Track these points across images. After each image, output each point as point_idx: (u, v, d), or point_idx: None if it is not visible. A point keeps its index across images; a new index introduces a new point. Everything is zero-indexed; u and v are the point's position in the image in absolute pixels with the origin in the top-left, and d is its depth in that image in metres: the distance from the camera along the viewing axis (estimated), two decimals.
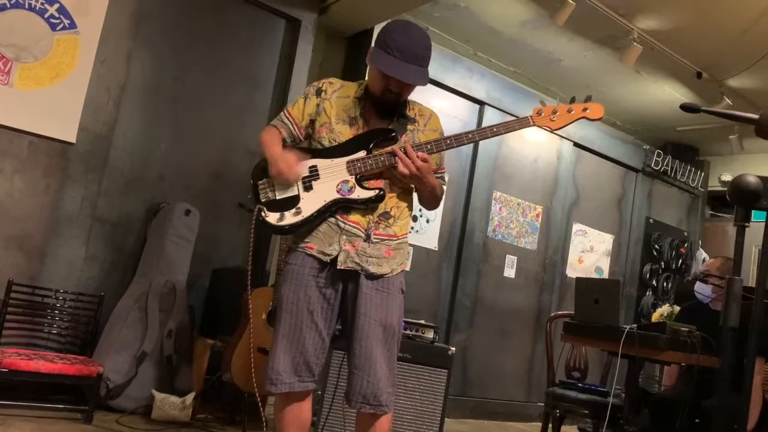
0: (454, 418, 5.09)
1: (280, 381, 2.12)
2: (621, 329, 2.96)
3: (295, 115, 2.29)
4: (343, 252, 2.14)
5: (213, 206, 4.20)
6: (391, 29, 2.14)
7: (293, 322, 2.14)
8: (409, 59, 2.09)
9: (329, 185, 2.16)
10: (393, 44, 2.09)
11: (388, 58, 2.09)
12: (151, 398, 3.47)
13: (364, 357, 2.11)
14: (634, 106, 6.12)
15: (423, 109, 2.34)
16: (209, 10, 4.26)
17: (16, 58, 3.53)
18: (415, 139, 2.24)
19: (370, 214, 2.17)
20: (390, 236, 2.21)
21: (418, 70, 2.12)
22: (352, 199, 2.15)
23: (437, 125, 2.33)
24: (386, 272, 2.18)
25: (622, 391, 3.42)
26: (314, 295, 2.15)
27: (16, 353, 3.19)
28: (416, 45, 2.11)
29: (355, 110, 2.24)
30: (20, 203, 3.56)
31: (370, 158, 2.15)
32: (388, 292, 2.18)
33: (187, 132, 4.18)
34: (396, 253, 2.23)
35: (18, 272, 3.52)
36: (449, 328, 5.30)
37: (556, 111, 2.21)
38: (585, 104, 2.21)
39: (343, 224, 2.15)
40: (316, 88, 2.30)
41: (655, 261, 6.76)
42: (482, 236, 5.52)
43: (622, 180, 6.65)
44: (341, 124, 2.23)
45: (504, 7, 4.71)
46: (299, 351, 2.13)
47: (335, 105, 2.25)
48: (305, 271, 2.16)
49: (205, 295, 4.17)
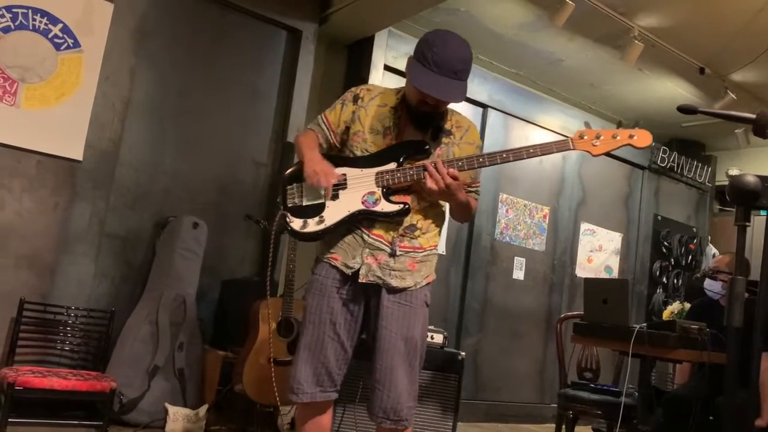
0: (467, 422, 5.08)
1: (301, 391, 2.12)
2: (631, 329, 2.96)
3: (332, 121, 2.27)
4: (365, 265, 2.12)
5: (220, 218, 4.22)
6: (430, 40, 2.08)
7: (316, 334, 2.14)
8: (446, 73, 2.03)
9: (355, 195, 2.14)
10: (430, 56, 2.04)
11: (424, 72, 2.04)
12: (164, 412, 3.49)
13: (385, 372, 2.10)
14: (637, 103, 6.11)
15: (461, 120, 2.28)
16: (210, 24, 4.29)
17: (21, 78, 3.57)
18: (449, 153, 2.20)
19: (394, 228, 2.14)
20: (415, 248, 2.18)
21: (455, 84, 2.05)
22: (375, 212, 2.12)
23: (474, 138, 2.27)
24: (409, 285, 2.15)
25: (634, 391, 3.41)
26: (337, 307, 2.15)
27: (30, 371, 3.21)
28: (454, 58, 2.04)
29: (390, 120, 2.20)
30: (30, 222, 3.60)
31: (400, 171, 2.11)
32: (410, 305, 2.15)
33: (192, 145, 4.21)
34: (421, 266, 2.20)
35: (30, 290, 3.54)
36: (459, 332, 5.30)
37: (599, 136, 2.08)
38: (632, 131, 2.08)
39: (367, 237, 2.14)
40: (354, 95, 2.27)
41: (665, 258, 6.74)
42: (489, 239, 5.52)
43: (628, 178, 6.64)
44: (374, 134, 2.19)
45: (503, 10, 4.72)
46: (321, 362, 2.13)
47: (370, 114, 2.21)
48: (329, 282, 2.16)
49: (214, 307, 4.19)
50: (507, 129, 5.69)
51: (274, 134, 4.54)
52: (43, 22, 3.63)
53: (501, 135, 5.64)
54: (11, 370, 3.16)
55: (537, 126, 5.87)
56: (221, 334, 4.11)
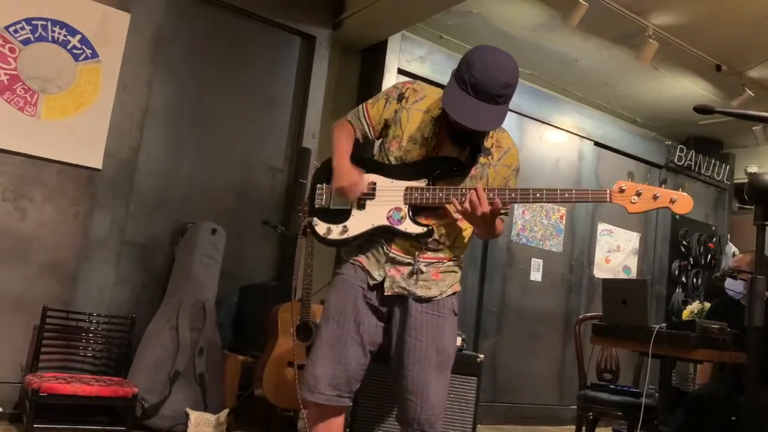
0: (487, 424, 5.07)
1: (317, 390, 2.07)
2: (650, 329, 2.94)
3: (373, 115, 2.19)
4: (388, 278, 2.09)
5: (237, 224, 4.26)
6: (470, 60, 1.96)
7: (339, 332, 2.10)
8: (484, 98, 1.92)
9: (381, 209, 2.10)
10: (468, 78, 1.93)
11: (459, 96, 1.94)
12: (185, 416, 3.52)
13: (418, 382, 2.06)
14: (653, 102, 6.06)
15: (502, 140, 2.18)
16: (226, 31, 4.33)
17: (41, 89, 3.63)
18: (483, 174, 2.12)
19: (416, 247, 2.10)
20: (440, 259, 2.14)
21: (492, 110, 1.94)
22: (399, 231, 2.07)
23: (512, 161, 2.18)
24: (435, 295, 2.11)
25: (655, 391, 3.39)
26: (362, 307, 2.11)
27: (54, 377, 3.26)
28: (495, 83, 1.92)
29: (430, 130, 2.11)
30: (51, 231, 3.65)
31: (429, 191, 2.05)
32: (439, 314, 2.11)
33: (210, 152, 4.25)
34: (445, 276, 2.15)
35: (52, 298, 3.60)
36: (477, 334, 5.29)
37: (640, 193, 1.97)
38: (674, 194, 1.98)
39: (387, 250, 2.10)
40: (399, 92, 2.18)
41: (684, 257, 6.67)
42: (506, 240, 5.51)
43: (645, 177, 6.58)
44: (411, 143, 2.12)
45: (516, 12, 4.71)
46: (341, 363, 2.08)
47: (411, 119, 2.13)
48: (356, 282, 2.12)
49: (233, 312, 4.23)
50: (522, 130, 5.68)
51: (289, 140, 4.57)
52: (62, 33, 3.69)
53: (516, 136, 5.61)
54: (36, 377, 3.21)
55: (552, 126, 5.86)
56: (240, 338, 4.14)
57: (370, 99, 2.24)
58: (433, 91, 2.18)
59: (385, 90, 2.24)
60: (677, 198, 1.98)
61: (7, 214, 3.53)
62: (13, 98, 3.55)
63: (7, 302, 3.50)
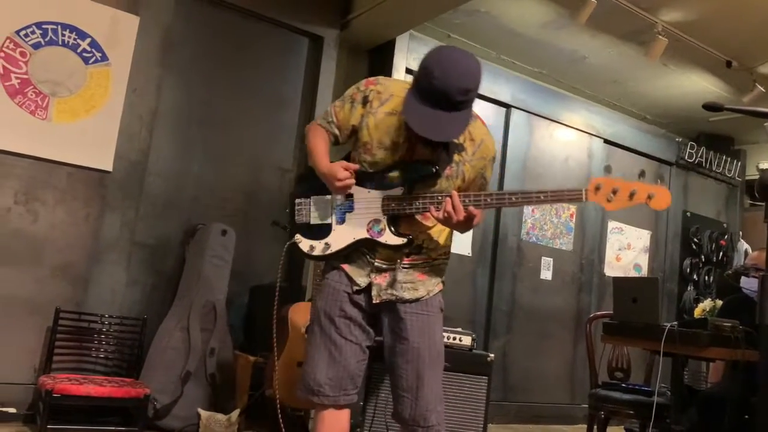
0: (498, 423, 5.06)
1: (322, 393, 2.10)
2: (661, 327, 2.93)
3: (341, 119, 2.15)
4: (375, 286, 2.10)
5: (247, 225, 4.27)
6: (428, 66, 1.86)
7: (332, 338, 2.12)
8: (444, 106, 1.85)
9: (361, 222, 2.09)
10: (426, 86, 1.85)
11: (419, 107, 1.87)
12: (197, 417, 3.53)
13: (413, 380, 2.09)
14: (663, 99, 6.03)
15: (474, 132, 2.09)
16: (234, 33, 4.35)
17: (52, 93, 3.66)
18: (458, 172, 2.08)
19: (399, 256, 2.10)
20: (424, 260, 2.15)
21: (454, 118, 1.88)
22: (380, 243, 2.08)
23: (487, 152, 2.12)
24: (423, 295, 2.13)
25: (667, 390, 3.37)
26: (349, 309, 2.13)
27: (67, 378, 3.29)
28: (453, 89, 1.83)
29: (399, 134, 2.06)
30: (63, 233, 3.68)
31: (406, 200, 2.04)
32: (428, 313, 2.13)
33: (219, 154, 4.27)
34: (431, 275, 2.16)
35: (64, 300, 3.63)
36: (487, 334, 5.28)
37: (616, 190, 1.93)
38: (651, 189, 1.93)
39: (372, 260, 2.12)
40: (363, 96, 2.11)
41: (695, 255, 6.63)
42: (516, 239, 5.50)
43: (655, 174, 6.56)
44: (383, 150, 2.08)
45: (524, 10, 4.70)
46: (342, 365, 2.10)
47: (379, 124, 2.08)
48: (341, 288, 2.14)
49: (243, 312, 4.24)
50: (531, 128, 5.66)
51: (298, 141, 4.58)
52: (72, 37, 3.72)
53: (525, 134, 5.62)
54: (49, 378, 3.24)
55: (561, 124, 5.84)
56: (251, 339, 4.16)
57: (338, 100, 2.19)
58: (399, 88, 2.08)
59: (349, 91, 2.16)
60: (655, 193, 1.92)
61: (20, 216, 3.56)
62: (25, 102, 3.57)
63: (20, 304, 3.53)
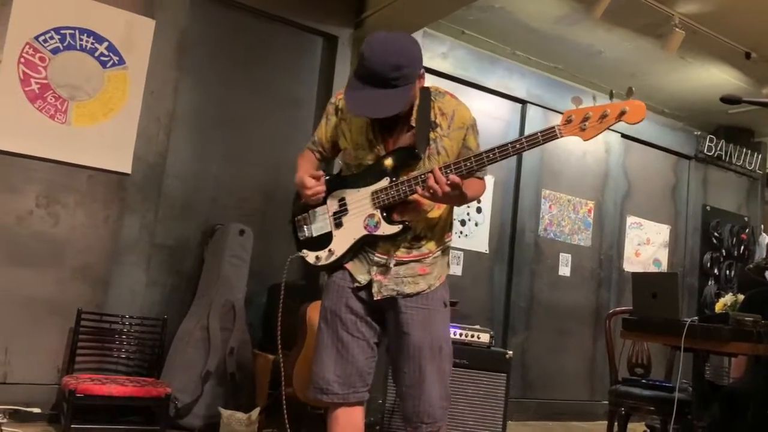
0: (517, 420, 5.05)
1: (331, 391, 2.11)
2: (682, 323, 2.90)
3: (320, 137, 2.27)
4: (375, 283, 2.12)
5: (264, 224, 4.30)
6: (362, 50, 1.95)
7: (339, 335, 2.13)
8: (378, 83, 1.92)
9: (357, 221, 2.12)
10: (361, 67, 1.94)
11: (357, 89, 1.95)
12: (217, 415, 3.56)
13: (415, 377, 2.09)
14: (681, 92, 5.97)
15: (444, 106, 2.12)
16: (249, 34, 4.38)
17: (71, 97, 3.71)
18: (438, 148, 2.10)
19: (398, 244, 2.12)
20: (423, 255, 2.15)
21: (390, 94, 1.93)
22: (378, 236, 2.10)
23: (463, 120, 2.13)
24: (423, 289, 2.13)
25: (688, 385, 3.34)
26: (355, 305, 2.15)
27: (90, 378, 3.33)
28: (385, 66, 1.90)
29: (370, 131, 2.12)
30: (83, 235, 3.73)
31: (394, 187, 2.06)
32: (428, 308, 2.13)
33: (236, 154, 4.30)
34: (432, 268, 2.16)
35: (85, 301, 3.67)
36: (505, 330, 5.27)
37: (587, 117, 1.88)
38: (622, 104, 1.87)
39: (372, 255, 2.13)
40: (334, 106, 2.22)
41: (716, 249, 6.56)
42: (533, 236, 5.48)
43: (674, 168, 6.50)
44: (361, 150, 2.14)
45: (539, 4, 4.67)
46: (350, 362, 2.12)
47: (353, 128, 2.16)
48: (345, 284, 2.16)
49: (262, 311, 4.27)
50: (547, 124, 5.55)
51: None
52: (90, 41, 3.76)
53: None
54: (72, 378, 3.29)
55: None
56: (270, 338, 4.18)
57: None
58: None
59: (325, 109, 2.27)
60: (627, 108, 1.85)
61: (41, 219, 3.62)
62: (45, 106, 3.62)
63: (42, 306, 3.58)
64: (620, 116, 1.87)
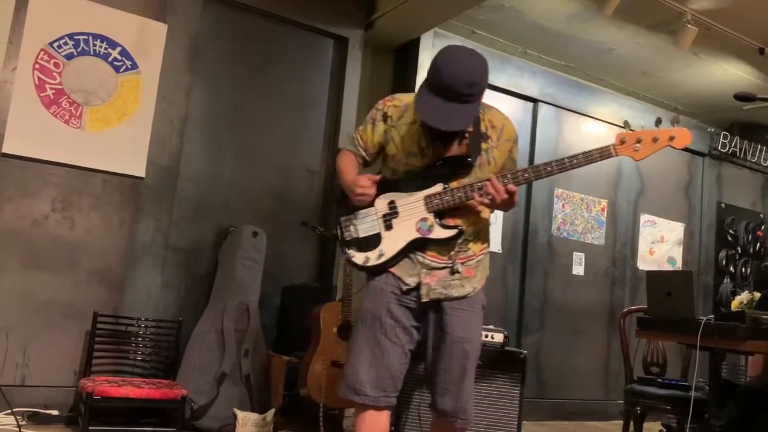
0: (532, 420, 5.03)
1: (363, 393, 2.14)
2: (697, 321, 2.88)
3: (365, 140, 2.29)
4: (424, 285, 2.17)
5: (278, 226, 4.32)
6: (437, 61, 2.03)
7: (376, 337, 2.17)
8: (452, 97, 1.98)
9: (408, 224, 2.17)
10: (436, 80, 2.01)
11: (429, 99, 2.01)
12: (233, 417, 3.58)
13: (455, 375, 2.17)
14: (694, 89, 5.92)
15: (494, 119, 2.23)
16: (260, 38, 4.40)
17: (85, 102, 3.74)
18: (489, 159, 2.19)
19: (449, 249, 2.18)
20: (469, 257, 2.23)
21: (460, 109, 2.01)
22: (430, 239, 2.16)
23: (510, 134, 2.25)
24: (468, 292, 2.21)
25: (705, 384, 3.31)
26: (396, 311, 2.18)
27: (107, 381, 3.36)
28: (460, 81, 1.98)
29: (422, 139, 2.18)
30: (98, 238, 3.76)
31: (448, 193, 2.14)
32: (471, 310, 2.22)
33: (248, 157, 4.32)
34: (476, 270, 2.24)
35: (101, 304, 3.71)
36: (519, 330, 5.25)
37: (640, 140, 2.10)
38: (671, 131, 2.10)
39: (422, 258, 2.18)
40: (382, 113, 2.25)
41: (731, 246, 6.51)
42: (546, 235, 5.46)
43: (688, 166, 6.45)
44: (412, 157, 2.20)
45: (550, 3, 4.66)
46: (384, 365, 2.15)
47: (404, 135, 2.21)
48: (388, 288, 2.19)
49: (276, 313, 4.29)
50: (559, 122, 5.61)
51: (325, 142, 4.62)
52: (103, 46, 3.80)
53: (553, 128, 5.57)
54: (89, 381, 3.32)
55: (590, 117, 5.78)
56: (284, 339, 4.20)
57: (360, 125, 2.33)
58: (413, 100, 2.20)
59: (369, 114, 2.30)
60: (675, 134, 2.08)
61: (57, 223, 3.65)
62: (59, 112, 3.66)
63: (59, 309, 3.62)
64: (669, 141, 2.09)
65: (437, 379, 2.20)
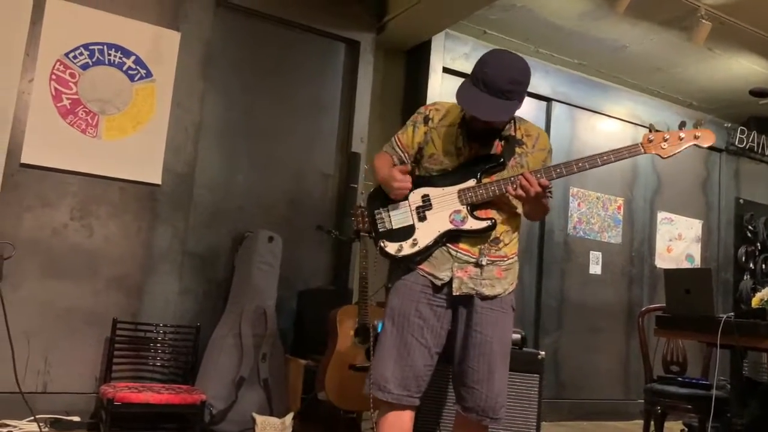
0: (551, 421, 5.00)
1: (387, 390, 2.18)
2: (717, 319, 2.86)
3: (405, 143, 2.37)
4: (456, 279, 2.21)
5: (293, 231, 4.33)
6: (484, 59, 2.15)
7: (404, 337, 2.21)
8: (493, 92, 2.08)
9: (442, 215, 2.24)
10: (481, 76, 2.10)
11: (470, 90, 2.11)
12: (252, 421, 3.60)
13: (485, 374, 2.20)
14: (709, 84, 5.86)
15: (530, 129, 2.34)
16: (272, 43, 4.42)
17: (101, 111, 3.78)
18: (523, 163, 2.27)
19: (480, 242, 2.23)
20: (501, 257, 2.27)
21: (500, 104, 2.09)
22: (464, 230, 2.22)
23: (545, 144, 2.34)
24: (499, 293, 2.25)
25: (726, 383, 3.28)
26: (425, 311, 2.22)
27: (127, 386, 3.39)
28: (503, 78, 2.08)
29: (460, 140, 2.28)
30: (116, 246, 3.80)
31: (481, 187, 2.21)
32: (502, 311, 2.26)
33: (262, 162, 4.34)
34: (507, 273, 2.28)
35: (120, 310, 3.74)
36: (537, 331, 5.23)
37: (666, 138, 2.21)
38: (696, 131, 2.20)
39: (454, 252, 2.22)
40: (424, 116, 2.35)
41: (750, 242, 6.43)
42: (562, 234, 5.43)
43: (705, 162, 6.39)
44: (448, 156, 2.28)
45: (561, 2, 4.64)
46: (410, 365, 2.19)
47: (442, 136, 2.30)
48: (418, 288, 2.23)
49: (293, 317, 4.30)
50: (573, 121, 5.59)
51: (338, 145, 4.63)
52: (118, 56, 3.84)
53: (567, 127, 5.55)
54: (110, 387, 3.35)
55: (604, 115, 5.75)
56: (301, 343, 4.21)
57: (400, 130, 2.42)
58: (453, 105, 2.34)
59: (411, 118, 2.40)
60: (700, 134, 2.20)
61: (76, 232, 3.70)
62: (76, 121, 3.71)
63: (80, 316, 3.66)
64: (695, 139, 2.21)
65: (464, 378, 2.23)
